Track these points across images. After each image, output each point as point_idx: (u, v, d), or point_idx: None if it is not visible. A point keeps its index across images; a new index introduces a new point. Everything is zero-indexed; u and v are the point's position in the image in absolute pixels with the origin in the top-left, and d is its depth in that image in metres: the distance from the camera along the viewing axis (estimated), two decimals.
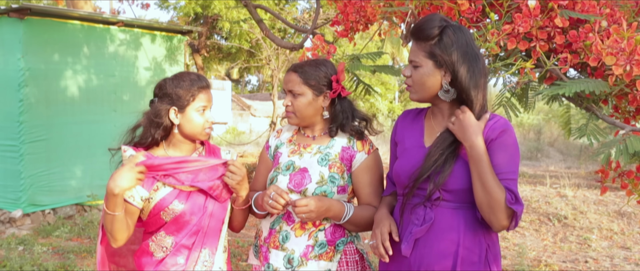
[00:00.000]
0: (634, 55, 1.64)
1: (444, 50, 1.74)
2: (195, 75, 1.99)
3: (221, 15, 10.50)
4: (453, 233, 1.77)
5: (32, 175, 6.53)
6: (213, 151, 2.11)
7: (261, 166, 2.24)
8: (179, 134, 1.99)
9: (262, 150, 2.27)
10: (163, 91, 1.95)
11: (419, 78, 1.80)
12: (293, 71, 2.09)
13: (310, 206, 1.90)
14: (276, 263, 2.03)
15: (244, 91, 36.35)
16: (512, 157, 1.73)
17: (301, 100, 2.06)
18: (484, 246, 1.79)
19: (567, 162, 13.74)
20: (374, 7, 2.35)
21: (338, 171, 2.05)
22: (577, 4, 1.97)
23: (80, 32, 7.10)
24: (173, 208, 1.93)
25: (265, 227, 2.13)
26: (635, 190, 1.88)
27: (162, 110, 1.93)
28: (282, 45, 3.71)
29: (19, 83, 6.35)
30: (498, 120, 1.78)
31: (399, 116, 2.08)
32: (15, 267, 4.90)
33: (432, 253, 1.79)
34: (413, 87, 1.84)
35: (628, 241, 6.46)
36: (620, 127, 1.82)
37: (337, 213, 1.98)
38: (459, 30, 1.76)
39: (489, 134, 1.74)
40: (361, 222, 2.04)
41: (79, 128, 7.01)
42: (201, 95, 1.97)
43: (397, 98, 26.39)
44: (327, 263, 2.01)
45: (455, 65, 1.73)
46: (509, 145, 1.74)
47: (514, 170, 1.73)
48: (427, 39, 1.76)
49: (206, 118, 1.98)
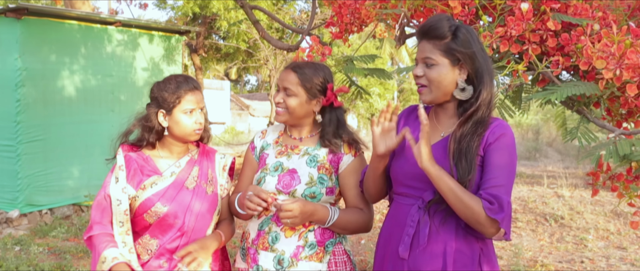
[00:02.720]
0: (623, 59, 1.65)
1: (462, 46, 1.73)
2: (182, 78, 2.01)
3: (219, 15, 10.49)
4: (446, 235, 1.77)
5: (29, 175, 6.53)
6: (207, 154, 2.12)
7: (246, 167, 2.21)
8: (170, 137, 2.01)
9: (246, 150, 2.25)
10: (152, 95, 1.98)
11: (436, 76, 1.76)
12: (292, 70, 2.07)
13: (294, 211, 1.89)
14: (266, 264, 2.02)
15: (243, 91, 36.34)
16: (506, 164, 1.71)
17: (294, 100, 2.05)
18: (476, 248, 1.78)
19: (565, 162, 13.76)
20: (368, 8, 2.36)
21: (326, 172, 2.05)
22: (569, 7, 1.98)
23: (78, 32, 7.10)
24: (156, 211, 1.95)
25: (252, 229, 2.11)
26: (625, 192, 1.89)
27: (151, 114, 1.96)
28: (278, 46, 3.71)
29: (16, 83, 6.34)
30: (498, 124, 1.76)
31: (404, 109, 2.03)
32: (11, 267, 4.90)
33: (425, 254, 1.79)
34: (429, 87, 1.79)
35: (624, 242, 6.47)
36: (610, 130, 1.83)
37: (321, 217, 1.98)
38: (469, 29, 1.77)
39: (488, 138, 1.73)
40: (347, 225, 2.04)
41: (76, 128, 7.01)
42: (188, 97, 1.98)
43: (396, 99, 26.40)
44: (317, 264, 2.01)
45: (476, 62, 1.73)
46: (504, 150, 1.72)
47: (506, 175, 1.69)
48: (442, 37, 1.74)
49: (195, 120, 1.99)
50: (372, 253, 4.26)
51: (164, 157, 2.02)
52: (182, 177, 2.01)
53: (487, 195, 1.66)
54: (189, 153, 2.07)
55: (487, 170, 1.70)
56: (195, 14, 10.73)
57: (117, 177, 1.95)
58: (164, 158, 2.02)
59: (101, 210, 1.95)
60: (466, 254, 1.77)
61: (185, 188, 2.00)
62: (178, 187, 1.99)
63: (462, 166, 1.71)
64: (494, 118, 1.79)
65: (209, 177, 2.08)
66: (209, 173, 2.08)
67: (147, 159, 2.00)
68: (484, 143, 1.74)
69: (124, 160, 1.97)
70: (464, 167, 1.70)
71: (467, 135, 1.73)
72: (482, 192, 1.68)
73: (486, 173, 1.69)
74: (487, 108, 1.75)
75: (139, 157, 2.00)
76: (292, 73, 2.06)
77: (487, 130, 1.74)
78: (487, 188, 1.67)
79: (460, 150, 1.72)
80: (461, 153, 1.72)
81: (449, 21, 1.75)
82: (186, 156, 2.06)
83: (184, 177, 2.02)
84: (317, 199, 2.01)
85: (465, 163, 1.70)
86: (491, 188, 1.67)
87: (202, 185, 2.04)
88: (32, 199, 6.58)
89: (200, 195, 2.02)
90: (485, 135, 1.74)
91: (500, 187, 1.67)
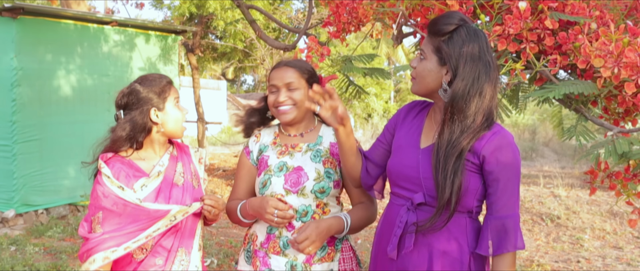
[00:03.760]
0: (621, 57, 1.65)
1: (450, 48, 1.70)
2: (157, 75, 2.03)
3: (216, 14, 10.47)
4: (433, 237, 1.75)
5: (25, 175, 6.51)
6: (183, 149, 2.14)
7: (242, 172, 2.19)
8: (160, 134, 2.00)
9: (240, 155, 2.23)
10: (137, 96, 1.96)
11: (421, 70, 1.78)
12: (287, 66, 2.07)
13: (311, 237, 1.90)
14: (278, 268, 2.01)
15: (240, 91, 36.30)
16: (506, 187, 1.70)
17: (299, 93, 2.05)
18: (466, 250, 1.75)
19: (562, 161, 13.79)
20: (365, 8, 2.35)
21: (332, 166, 2.06)
22: (567, 6, 1.98)
23: (74, 31, 7.08)
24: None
25: (260, 232, 2.09)
26: (623, 190, 1.89)
27: (144, 114, 1.95)
28: (275, 45, 3.70)
29: (12, 82, 6.32)
30: (496, 133, 1.71)
31: (407, 104, 2.01)
32: (6, 267, 4.87)
33: (411, 256, 1.79)
34: (416, 79, 1.81)
35: (620, 241, 6.49)
36: (608, 128, 1.83)
37: (338, 229, 2.00)
38: (474, 34, 1.71)
39: (484, 149, 1.69)
40: (359, 224, 2.08)
41: (72, 128, 6.99)
42: (172, 90, 2.02)
43: (392, 98, 26.42)
44: (329, 264, 2.03)
45: (459, 66, 1.68)
46: (503, 171, 1.70)
47: (511, 202, 1.71)
48: (439, 34, 1.73)
49: (182, 109, 2.04)
50: (368, 253, 4.25)
51: (145, 159, 2.01)
52: (169, 175, 2.01)
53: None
54: (168, 151, 2.07)
55: (490, 192, 1.73)
56: (191, 14, 10.71)
57: (121, 186, 1.92)
58: (145, 160, 2.01)
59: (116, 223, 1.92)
60: (454, 257, 1.75)
61: (176, 185, 2.00)
62: (169, 185, 1.99)
63: (438, 178, 1.69)
64: (495, 125, 1.73)
65: (192, 171, 2.09)
66: (192, 168, 2.10)
67: (129, 163, 1.98)
68: (478, 153, 1.69)
69: (109, 171, 1.94)
70: (440, 179, 1.68)
71: (449, 144, 1.69)
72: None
73: (491, 205, 1.73)
74: (465, 117, 1.68)
75: (120, 161, 1.97)
76: (289, 69, 2.07)
77: (482, 141, 1.69)
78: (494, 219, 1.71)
79: (438, 161, 1.69)
80: (438, 165, 1.69)
81: (458, 20, 1.72)
82: (166, 153, 2.06)
83: (171, 175, 2.01)
84: (327, 193, 2.02)
85: (442, 177, 1.67)
86: (500, 219, 1.71)
87: (189, 180, 2.05)
88: (28, 199, 6.56)
89: (190, 191, 2.03)
90: (479, 147, 1.69)
91: (507, 218, 1.71)
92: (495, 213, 1.70)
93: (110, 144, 1.97)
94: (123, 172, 1.94)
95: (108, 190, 1.90)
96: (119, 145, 1.95)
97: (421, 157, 1.79)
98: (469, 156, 1.69)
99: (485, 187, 1.73)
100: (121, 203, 1.88)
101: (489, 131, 1.70)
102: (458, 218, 1.74)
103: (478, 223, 1.81)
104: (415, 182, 1.77)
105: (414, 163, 1.80)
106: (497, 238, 1.69)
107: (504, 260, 1.69)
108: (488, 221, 1.71)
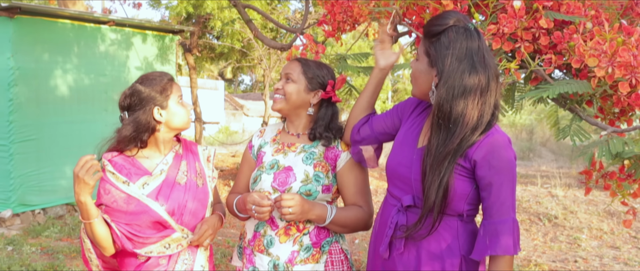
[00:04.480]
0: (615, 57, 1.65)
1: (437, 51, 1.67)
2: (158, 73, 2.03)
3: (213, 14, 10.46)
4: (424, 239, 1.74)
5: (22, 175, 6.50)
6: (190, 147, 2.13)
7: (244, 165, 2.23)
8: (166, 132, 2.00)
9: (245, 149, 2.27)
10: (139, 96, 1.95)
11: (415, 72, 1.79)
12: (297, 60, 2.12)
13: (295, 200, 1.87)
14: (261, 267, 2.02)
15: (237, 91, 36.29)
16: (499, 191, 1.65)
17: (293, 86, 2.07)
18: (456, 251, 1.73)
19: (559, 161, 13.80)
20: (360, 7, 2.35)
21: (323, 170, 2.05)
22: (562, 5, 1.98)
23: (71, 31, 7.06)
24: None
25: (249, 229, 2.12)
26: (618, 191, 1.88)
27: (147, 114, 1.95)
28: (271, 45, 3.70)
29: (9, 82, 6.31)
30: (489, 136, 1.67)
31: (417, 98, 1.95)
32: (3, 267, 4.87)
33: (402, 256, 1.79)
34: (412, 81, 1.82)
35: (617, 241, 6.49)
36: (602, 128, 1.82)
37: (320, 214, 1.96)
38: (464, 34, 1.66)
39: (476, 153, 1.66)
40: (346, 223, 2.03)
41: (69, 128, 6.98)
42: (174, 87, 2.02)
43: (389, 98, 26.41)
44: (313, 265, 2.00)
45: (444, 69, 1.65)
46: (495, 175, 1.65)
47: (506, 207, 1.66)
48: (429, 36, 1.72)
49: (185, 106, 2.04)
50: (366, 253, 4.26)
51: (149, 157, 2.01)
52: (172, 174, 2.00)
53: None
54: (173, 149, 2.07)
55: (485, 197, 1.70)
56: (189, 14, 10.69)
57: (126, 181, 1.92)
58: (149, 159, 2.01)
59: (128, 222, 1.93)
60: (443, 259, 1.74)
61: (178, 184, 2.00)
62: (170, 184, 1.99)
63: (424, 183, 1.67)
64: (495, 128, 1.70)
65: (197, 169, 2.08)
66: (197, 166, 2.09)
67: (132, 161, 1.98)
68: (470, 158, 1.67)
69: (112, 167, 1.95)
70: (426, 185, 1.66)
71: (437, 150, 1.66)
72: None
73: (486, 209, 1.69)
74: (450, 121, 1.65)
75: (123, 160, 1.98)
76: (296, 63, 2.11)
77: (473, 145, 1.66)
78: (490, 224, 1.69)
79: (425, 166, 1.68)
80: (425, 170, 1.67)
81: (450, 21, 1.69)
82: (171, 152, 2.05)
83: (174, 173, 2.01)
84: (313, 197, 2.00)
85: (428, 182, 1.65)
86: (495, 224, 1.68)
87: (192, 179, 2.04)
88: (25, 199, 6.55)
89: (193, 190, 2.02)
90: (471, 152, 1.66)
91: (501, 223, 1.67)
92: (489, 218, 1.67)
93: (115, 143, 1.99)
94: (124, 170, 1.95)
95: (111, 185, 1.91)
96: (124, 145, 1.97)
97: (415, 157, 1.78)
98: (460, 160, 1.67)
99: (479, 192, 1.71)
100: (125, 197, 1.89)
101: (483, 135, 1.67)
102: (448, 220, 1.73)
103: (473, 225, 1.79)
104: (408, 182, 1.77)
105: (408, 163, 1.79)
106: (489, 241, 1.65)
107: (498, 263, 1.66)
108: (482, 226, 1.69)
